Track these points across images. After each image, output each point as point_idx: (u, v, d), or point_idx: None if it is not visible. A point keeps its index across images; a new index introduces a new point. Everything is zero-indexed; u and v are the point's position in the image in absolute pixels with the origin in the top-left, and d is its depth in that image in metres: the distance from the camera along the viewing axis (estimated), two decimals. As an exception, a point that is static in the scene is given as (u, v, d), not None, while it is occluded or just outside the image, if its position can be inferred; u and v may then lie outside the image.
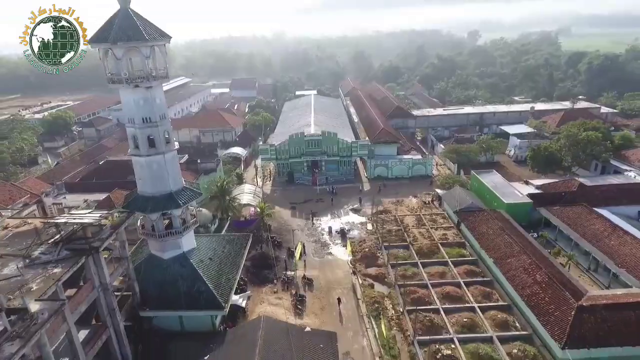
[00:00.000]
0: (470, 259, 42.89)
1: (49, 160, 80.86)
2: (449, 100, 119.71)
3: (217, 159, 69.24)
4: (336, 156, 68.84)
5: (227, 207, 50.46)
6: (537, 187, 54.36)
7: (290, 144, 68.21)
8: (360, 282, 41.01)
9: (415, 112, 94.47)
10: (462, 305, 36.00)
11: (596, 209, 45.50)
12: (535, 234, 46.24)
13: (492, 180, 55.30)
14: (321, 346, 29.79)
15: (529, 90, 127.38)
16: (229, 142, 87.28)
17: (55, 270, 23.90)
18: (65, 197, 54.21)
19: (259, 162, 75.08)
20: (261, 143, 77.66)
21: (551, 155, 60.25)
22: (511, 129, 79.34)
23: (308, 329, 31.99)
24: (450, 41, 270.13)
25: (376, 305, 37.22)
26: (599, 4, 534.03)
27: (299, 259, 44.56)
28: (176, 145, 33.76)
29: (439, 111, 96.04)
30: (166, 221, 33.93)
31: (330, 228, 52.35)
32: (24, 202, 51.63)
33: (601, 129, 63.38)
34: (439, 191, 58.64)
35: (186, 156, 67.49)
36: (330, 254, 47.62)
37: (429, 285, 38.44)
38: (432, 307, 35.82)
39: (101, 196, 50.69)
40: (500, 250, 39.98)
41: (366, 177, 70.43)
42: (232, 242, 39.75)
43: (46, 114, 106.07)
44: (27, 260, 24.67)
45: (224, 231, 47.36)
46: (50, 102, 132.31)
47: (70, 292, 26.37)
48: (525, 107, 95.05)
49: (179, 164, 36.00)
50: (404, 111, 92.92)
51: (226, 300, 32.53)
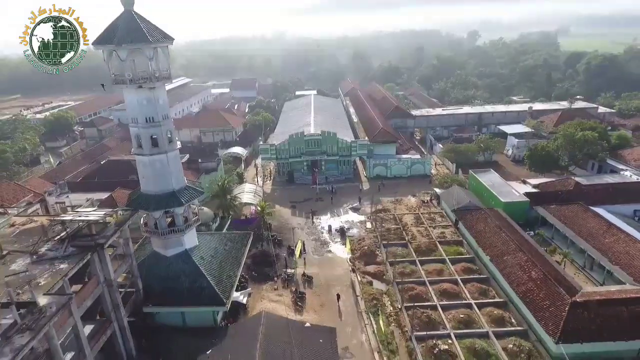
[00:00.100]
0: (467, 256, 43.45)
1: (51, 160, 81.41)
2: (448, 100, 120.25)
3: (218, 158, 69.74)
4: (336, 156, 69.44)
5: (228, 206, 51.09)
6: (534, 186, 54.99)
7: (290, 143, 68.79)
8: (359, 279, 41.56)
9: (414, 112, 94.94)
10: (459, 302, 36.50)
11: (592, 207, 46.09)
12: (532, 232, 46.87)
13: (489, 179, 55.96)
14: (321, 341, 30.46)
15: (528, 91, 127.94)
16: (229, 141, 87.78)
17: (62, 266, 24.61)
18: (68, 196, 54.77)
19: (259, 161, 75.82)
20: (261, 143, 78.14)
21: (548, 155, 60.88)
22: (509, 129, 79.93)
23: (308, 325, 32.68)
24: (449, 41, 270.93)
25: (375, 302, 37.77)
26: (599, 4, 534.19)
27: (299, 256, 45.16)
28: (178, 144, 34.42)
29: (438, 111, 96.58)
30: (169, 219, 34.65)
31: (329, 226, 52.93)
32: (28, 201, 52.24)
33: (598, 128, 64.00)
34: (437, 190, 59.21)
35: (187, 156, 67.94)
36: (330, 252, 48.22)
37: (427, 283, 38.95)
38: (429, 303, 36.29)
39: (103, 195, 51.22)
40: (496, 248, 40.62)
41: (365, 176, 71.03)
42: (233, 240, 40.42)
43: (48, 114, 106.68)
44: (35, 257, 25.38)
45: (225, 229, 47.95)
46: (51, 102, 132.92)
47: (76, 288, 26.99)
48: (524, 107, 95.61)
49: (181, 163, 36.67)
50: (403, 111, 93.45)
51: (227, 297, 33.19)
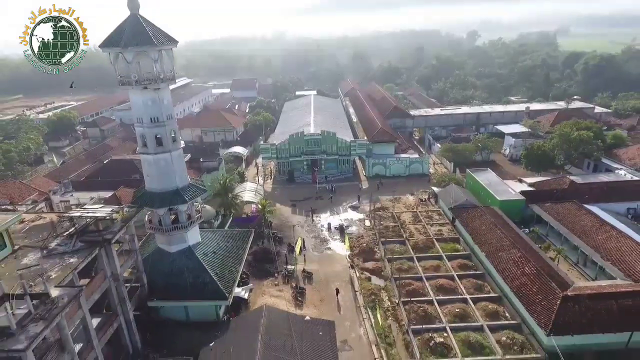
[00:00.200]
0: (463, 253, 44.40)
1: (55, 160, 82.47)
2: (447, 100, 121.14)
3: (219, 158, 70.70)
4: (335, 155, 70.42)
5: (230, 204, 52.06)
6: (530, 184, 56.03)
7: (290, 143, 69.74)
8: (358, 275, 42.44)
9: (413, 112, 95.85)
10: (454, 297, 37.41)
11: (586, 205, 47.02)
12: (527, 229, 47.83)
13: (486, 178, 56.95)
14: (320, 334, 31.49)
15: (526, 91, 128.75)
16: (230, 141, 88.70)
17: (71, 260, 25.64)
18: (72, 195, 55.78)
19: (260, 160, 76.92)
20: (262, 142, 79.06)
21: (544, 154, 61.89)
22: (506, 129, 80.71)
23: (308, 318, 33.71)
24: (449, 41, 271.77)
25: (373, 297, 38.64)
26: (599, 4, 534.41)
27: (299, 253, 46.06)
28: (182, 143, 35.42)
29: (437, 111, 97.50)
30: (172, 216, 35.55)
31: (329, 224, 53.87)
32: (33, 200, 53.37)
33: (593, 128, 64.98)
34: (435, 189, 60.19)
35: (189, 155, 68.84)
36: (329, 249, 49.21)
37: (424, 278, 39.90)
38: (426, 298, 37.17)
39: (107, 194, 52.10)
40: (492, 245, 41.57)
41: (364, 175, 71.99)
42: (234, 237, 41.37)
43: (50, 114, 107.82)
44: (45, 251, 26.38)
45: (226, 227, 48.87)
46: (53, 103, 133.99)
47: (84, 282, 27.91)
48: (521, 107, 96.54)
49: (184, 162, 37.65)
50: (402, 111, 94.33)
51: (230, 291, 34.15)
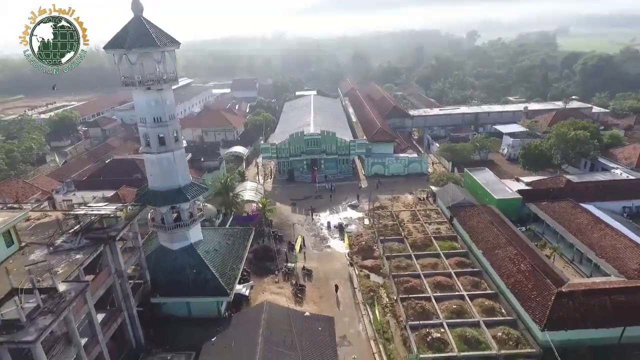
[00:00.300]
0: (461, 251, 45.13)
1: (57, 159, 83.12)
2: (446, 100, 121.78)
3: (220, 157, 71.40)
4: (335, 155, 71.10)
5: (231, 203, 52.70)
6: (527, 183, 56.74)
7: (290, 143, 70.40)
8: (357, 272, 43.14)
9: (412, 112, 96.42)
10: (452, 294, 38.16)
11: (582, 204, 47.67)
12: (524, 228, 48.59)
13: (484, 177, 57.64)
14: (320, 329, 32.21)
15: (524, 91, 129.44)
16: (230, 141, 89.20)
17: (77, 257, 26.30)
18: (74, 194, 56.39)
19: (260, 160, 77.59)
20: (262, 142, 79.75)
21: (541, 154, 62.52)
22: (505, 129, 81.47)
23: (308, 314, 34.42)
24: (449, 42, 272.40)
25: (371, 294, 39.33)
26: (599, 4, 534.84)
27: (299, 251, 46.67)
28: (184, 143, 36.12)
29: (435, 111, 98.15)
30: (175, 214, 36.29)
31: (328, 223, 54.53)
32: (36, 199, 54.01)
33: (590, 128, 65.65)
34: (433, 188, 60.89)
35: (190, 155, 69.59)
36: (329, 247, 49.88)
37: (422, 276, 40.63)
38: (423, 295, 37.94)
39: (109, 193, 52.75)
40: (488, 243, 42.28)
41: (364, 174, 72.67)
42: (235, 235, 42.09)
43: (52, 114, 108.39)
44: (51, 248, 27.05)
45: (227, 225, 49.58)
46: (55, 103, 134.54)
47: (89, 278, 28.63)
48: (519, 107, 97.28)
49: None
50: (401, 111, 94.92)
51: (231, 288, 34.86)
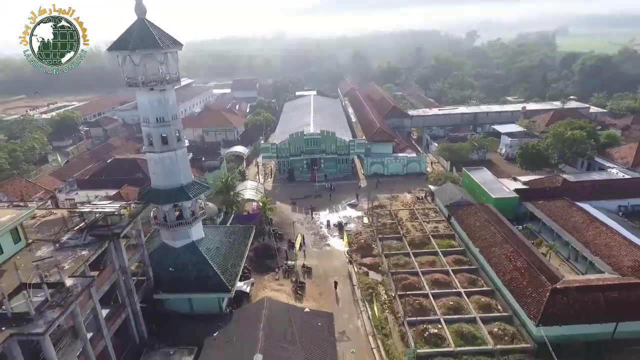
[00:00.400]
0: (458, 249, 45.84)
1: (59, 159, 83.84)
2: (445, 100, 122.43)
3: (221, 157, 72.08)
4: (334, 154, 71.79)
5: (231, 202, 53.36)
6: (524, 183, 57.37)
7: (290, 142, 71.08)
8: (356, 270, 43.77)
9: (412, 112, 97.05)
10: (449, 291, 38.84)
11: (578, 203, 48.34)
12: (520, 226, 49.22)
13: (481, 176, 58.32)
14: (319, 324, 32.87)
15: (523, 91, 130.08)
16: (231, 141, 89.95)
17: (83, 253, 27.05)
18: (77, 193, 57.06)
19: (260, 160, 78.29)
20: (262, 142, 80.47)
21: (538, 153, 63.17)
22: (503, 128, 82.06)
23: (307, 310, 35.08)
24: (449, 42, 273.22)
25: (370, 291, 39.98)
26: (599, 4, 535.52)
27: (299, 249, 47.38)
28: (186, 142, 36.80)
29: (434, 111, 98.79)
30: (177, 213, 36.96)
31: (328, 221, 55.13)
32: (39, 198, 54.65)
33: (587, 128, 66.31)
34: (431, 187, 61.55)
35: (190, 154, 70.24)
36: (328, 245, 50.53)
37: (420, 273, 41.29)
38: (421, 292, 38.59)
39: (111, 192, 53.24)
40: (485, 240, 42.95)
41: (363, 174, 73.29)
42: (236, 233, 42.71)
43: (54, 114, 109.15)
44: (58, 245, 27.78)
45: (228, 224, 50.28)
46: (56, 103, 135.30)
47: (93, 274, 29.35)
48: (518, 107, 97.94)
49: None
50: (400, 111, 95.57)
51: (232, 284, 35.52)
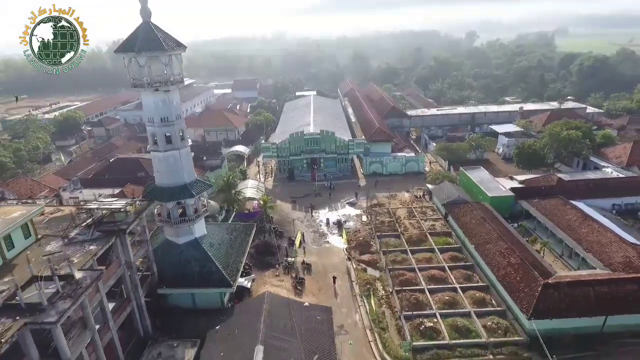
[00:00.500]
0: (455, 246, 46.89)
1: (62, 158, 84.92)
2: (444, 100, 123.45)
3: (222, 156, 73.14)
4: (334, 154, 72.87)
5: (233, 200, 54.39)
6: (520, 182, 58.42)
7: (290, 142, 72.13)
8: (355, 266, 44.82)
9: (410, 112, 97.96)
10: (445, 286, 39.85)
11: (573, 201, 49.41)
12: (516, 224, 50.22)
13: (478, 175, 59.40)
14: (318, 318, 33.93)
15: (521, 91, 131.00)
16: (232, 140, 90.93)
17: (91, 247, 28.08)
18: (81, 192, 58.15)
19: (261, 159, 79.35)
20: (263, 141, 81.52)
21: (535, 153, 64.19)
22: (500, 128, 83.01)
23: (307, 304, 36.13)
24: (448, 42, 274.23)
25: (368, 287, 40.91)
26: (599, 4, 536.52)
27: (299, 246, 48.39)
28: (189, 142, 37.86)
29: (433, 111, 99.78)
30: (180, 210, 38.01)
31: (327, 219, 56.20)
32: (44, 196, 55.74)
33: (582, 128, 67.22)
34: (429, 186, 62.58)
35: (192, 154, 71.22)
36: (328, 242, 51.57)
37: (416, 269, 42.33)
38: (418, 287, 39.63)
39: (114, 191, 54.24)
40: (481, 238, 43.98)
41: (362, 173, 74.35)
42: (238, 230, 43.85)
43: (57, 114, 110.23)
44: (66, 240, 28.80)
45: (230, 221, 51.26)
46: (58, 103, 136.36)
47: (101, 268, 30.43)
48: (515, 107, 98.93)
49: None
50: (399, 111, 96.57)
51: (234, 280, 36.60)
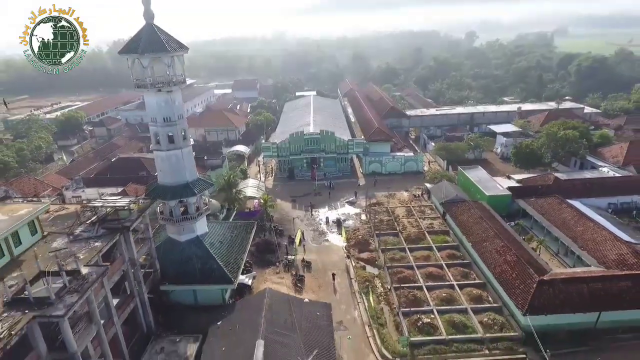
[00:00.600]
0: (452, 244, 47.59)
1: (64, 158, 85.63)
2: (443, 100, 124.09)
3: (223, 156, 73.86)
4: (334, 153, 73.53)
5: (234, 199, 55.13)
6: (518, 181, 59.19)
7: (290, 142, 72.82)
8: (354, 264, 45.55)
9: (409, 112, 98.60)
10: (442, 283, 40.63)
11: (569, 200, 50.07)
12: (513, 222, 50.93)
13: (476, 175, 60.12)
14: (318, 314, 34.63)
15: (520, 92, 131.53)
16: (232, 140, 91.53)
17: (96, 244, 28.76)
18: (84, 191, 58.86)
19: (261, 159, 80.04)
20: (263, 141, 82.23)
21: (532, 153, 64.90)
22: (498, 128, 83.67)
23: (307, 300, 36.85)
24: (448, 42, 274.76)
25: (367, 284, 41.65)
26: (598, 4, 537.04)
27: (299, 244, 49.06)
28: (191, 141, 38.55)
29: (432, 111, 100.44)
30: (182, 208, 38.71)
31: (327, 218, 56.89)
32: (47, 195, 56.42)
33: (580, 128, 67.97)
34: (427, 185, 63.29)
35: (193, 153, 72.01)
36: (327, 240, 52.27)
37: (414, 267, 43.10)
38: (416, 284, 40.39)
39: (116, 190, 55.06)
40: (478, 236, 44.72)
41: (361, 172, 75.05)
42: (239, 229, 44.52)
43: (58, 114, 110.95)
44: (72, 237, 29.50)
45: (231, 220, 52.00)
46: (60, 103, 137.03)
47: (106, 264, 31.12)
48: (513, 107, 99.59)
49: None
50: (399, 111, 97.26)
51: (235, 276, 37.22)
